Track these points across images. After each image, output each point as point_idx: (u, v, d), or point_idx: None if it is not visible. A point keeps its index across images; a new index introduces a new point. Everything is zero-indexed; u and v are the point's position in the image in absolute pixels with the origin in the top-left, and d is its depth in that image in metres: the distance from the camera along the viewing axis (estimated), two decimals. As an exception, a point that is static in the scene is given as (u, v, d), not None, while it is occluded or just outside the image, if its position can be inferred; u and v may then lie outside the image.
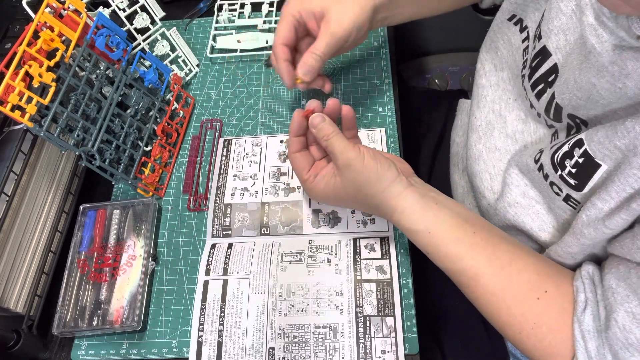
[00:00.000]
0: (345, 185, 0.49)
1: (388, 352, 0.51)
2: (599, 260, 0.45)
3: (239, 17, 0.78)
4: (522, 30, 0.55)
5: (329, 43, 0.54)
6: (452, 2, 0.63)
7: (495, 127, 0.59)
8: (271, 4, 0.78)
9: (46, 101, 0.53)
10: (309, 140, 0.55)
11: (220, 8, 0.79)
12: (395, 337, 0.51)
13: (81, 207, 0.62)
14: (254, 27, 0.77)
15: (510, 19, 0.56)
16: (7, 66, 0.51)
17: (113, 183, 0.64)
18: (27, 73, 0.52)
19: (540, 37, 0.49)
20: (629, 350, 0.37)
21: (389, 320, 0.52)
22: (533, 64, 0.50)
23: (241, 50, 0.75)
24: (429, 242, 0.47)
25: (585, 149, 0.41)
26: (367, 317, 0.52)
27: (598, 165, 0.40)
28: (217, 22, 0.78)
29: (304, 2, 0.55)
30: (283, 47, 0.56)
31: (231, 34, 0.77)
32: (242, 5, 0.79)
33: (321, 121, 0.50)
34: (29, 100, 0.51)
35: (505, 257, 0.45)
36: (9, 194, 0.55)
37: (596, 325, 0.40)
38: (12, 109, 0.50)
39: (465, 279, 0.46)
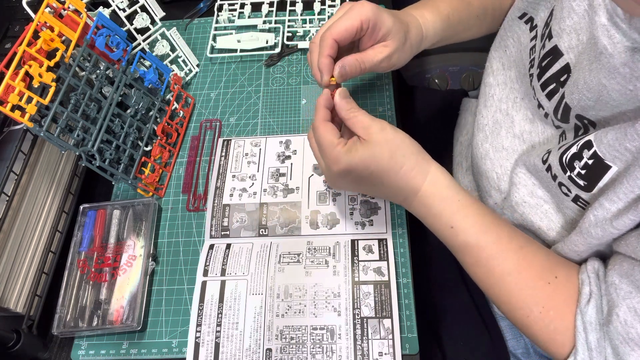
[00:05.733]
0: (379, 148, 0.47)
1: (385, 354, 0.51)
2: (604, 257, 0.45)
3: (239, 17, 0.78)
4: (532, 28, 0.54)
5: (373, 67, 0.53)
6: (473, 33, 0.64)
7: (503, 126, 0.58)
8: (271, 4, 0.78)
9: (46, 101, 0.53)
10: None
11: (220, 8, 0.79)
12: (393, 339, 0.51)
13: (81, 207, 0.62)
14: (254, 27, 0.77)
15: (521, 17, 0.56)
16: (7, 66, 0.51)
17: (113, 183, 0.64)
18: (27, 73, 0.52)
19: (550, 37, 0.48)
20: (629, 345, 0.37)
21: (387, 322, 0.52)
22: (543, 64, 0.50)
23: (241, 50, 0.75)
24: (456, 210, 0.47)
25: (595, 151, 0.41)
26: (365, 319, 0.53)
27: (608, 167, 0.40)
28: (217, 22, 0.78)
29: (380, 14, 0.51)
30: (333, 42, 0.50)
31: (231, 34, 0.77)
32: (242, 5, 0.79)
33: (346, 96, 0.50)
34: (29, 100, 0.52)
35: (522, 239, 0.47)
36: (9, 194, 0.55)
37: (599, 318, 0.40)
38: (12, 109, 0.50)
39: (484, 256, 0.46)
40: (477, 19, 0.62)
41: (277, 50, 0.76)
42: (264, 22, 0.77)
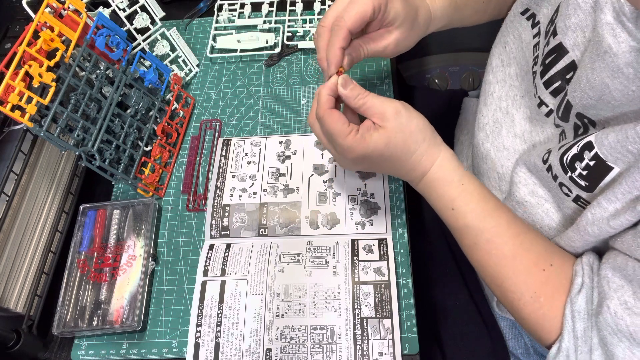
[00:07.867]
0: (393, 135, 0.47)
1: (385, 354, 0.51)
2: (599, 252, 0.46)
3: (239, 17, 0.78)
4: (534, 25, 0.54)
5: (377, 54, 0.53)
6: (478, 18, 0.63)
7: (503, 125, 0.58)
8: (271, 4, 0.78)
9: (46, 101, 0.53)
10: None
11: (220, 8, 0.79)
12: (393, 339, 0.51)
13: (81, 207, 0.62)
14: (254, 27, 0.77)
15: (523, 13, 0.55)
16: (7, 66, 0.51)
17: (113, 183, 0.64)
18: (27, 73, 0.52)
19: (555, 34, 0.48)
20: (617, 336, 0.38)
21: (387, 322, 0.52)
22: (547, 61, 0.49)
23: (241, 50, 0.75)
24: (458, 195, 0.48)
25: (596, 153, 0.41)
26: (365, 319, 0.53)
27: (610, 168, 0.40)
28: (217, 22, 0.78)
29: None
30: (348, 34, 0.48)
31: (231, 34, 0.77)
32: (242, 5, 0.79)
33: (349, 82, 0.49)
34: (29, 100, 0.52)
35: (521, 226, 0.48)
36: (9, 194, 0.55)
37: (588, 309, 0.41)
38: (12, 109, 0.50)
39: (482, 239, 0.47)
40: (483, 4, 0.61)
41: (277, 50, 0.76)
42: (264, 22, 0.77)
